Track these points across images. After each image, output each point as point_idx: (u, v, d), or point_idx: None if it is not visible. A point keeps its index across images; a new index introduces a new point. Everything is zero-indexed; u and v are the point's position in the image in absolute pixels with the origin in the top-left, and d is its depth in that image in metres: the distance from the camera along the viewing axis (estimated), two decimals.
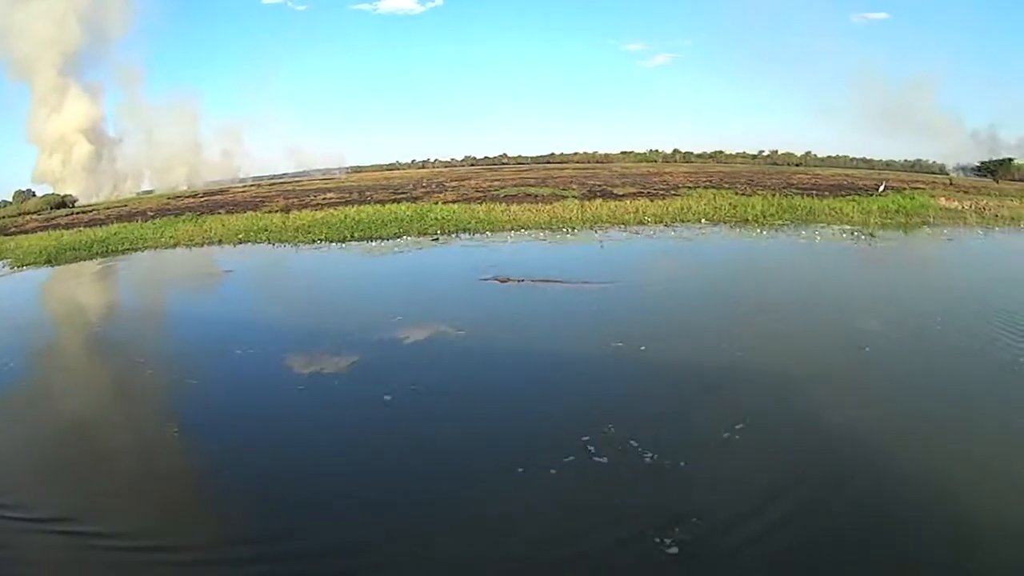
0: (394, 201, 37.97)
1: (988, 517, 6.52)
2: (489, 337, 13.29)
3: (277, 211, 36.81)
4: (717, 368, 10.94)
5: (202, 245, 29.58)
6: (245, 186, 66.31)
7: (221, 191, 58.53)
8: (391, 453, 8.44)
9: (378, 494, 7.54)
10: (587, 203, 33.29)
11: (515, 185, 45.33)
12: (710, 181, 45.07)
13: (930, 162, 67.36)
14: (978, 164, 52.32)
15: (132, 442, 9.41)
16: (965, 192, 35.35)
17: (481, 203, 34.52)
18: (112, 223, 35.32)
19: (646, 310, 15.00)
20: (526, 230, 27.82)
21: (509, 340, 13.09)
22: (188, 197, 53.31)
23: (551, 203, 33.75)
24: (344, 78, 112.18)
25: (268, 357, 12.77)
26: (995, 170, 48.56)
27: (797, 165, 75.85)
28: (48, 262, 26.96)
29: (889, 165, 73.14)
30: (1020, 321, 12.81)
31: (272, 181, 74.40)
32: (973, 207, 31.23)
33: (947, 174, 59.76)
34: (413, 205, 34.98)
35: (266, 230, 30.91)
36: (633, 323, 13.65)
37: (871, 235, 25.09)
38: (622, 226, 27.99)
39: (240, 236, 30.19)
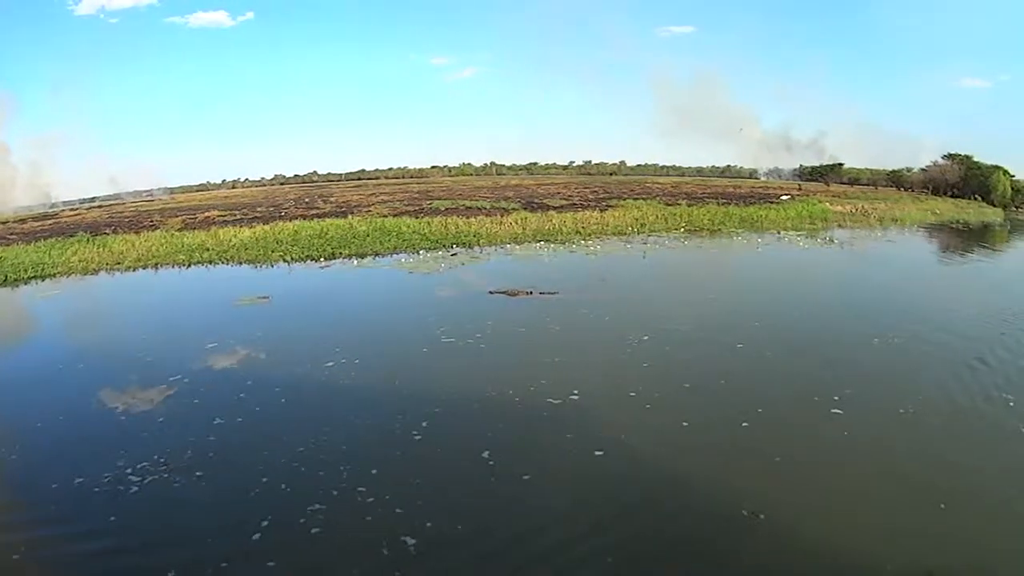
0: (315, 217, 34.61)
1: None
2: None
3: (177, 231, 31.41)
4: None
5: (134, 269, 24.37)
6: (77, 210, 54.48)
7: (47, 216, 47.47)
8: None
9: None
10: (544, 215, 33.56)
11: (438, 198, 43.90)
12: (597, 192, 47.57)
13: (739, 167, 75.98)
14: (810, 168, 60.50)
15: None
16: (840, 198, 42.02)
17: (423, 217, 32.87)
18: None
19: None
20: (536, 243, 27.59)
21: None
22: (34, 220, 42.74)
23: (504, 216, 33.40)
24: (155, 95, 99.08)
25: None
26: (826, 174, 57.18)
27: (611, 175, 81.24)
28: None
29: (700, 172, 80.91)
30: None
31: (94, 204, 62.64)
32: (855, 210, 37.39)
33: (758, 178, 68.74)
34: (360, 219, 32.21)
35: (207, 250, 26.57)
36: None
37: (831, 239, 28.61)
38: (612, 237, 28.68)
39: (182, 257, 25.30)
